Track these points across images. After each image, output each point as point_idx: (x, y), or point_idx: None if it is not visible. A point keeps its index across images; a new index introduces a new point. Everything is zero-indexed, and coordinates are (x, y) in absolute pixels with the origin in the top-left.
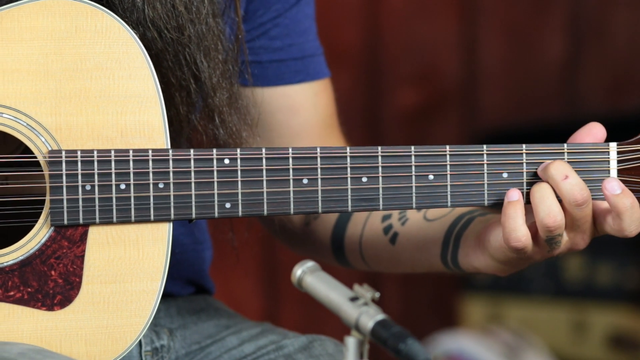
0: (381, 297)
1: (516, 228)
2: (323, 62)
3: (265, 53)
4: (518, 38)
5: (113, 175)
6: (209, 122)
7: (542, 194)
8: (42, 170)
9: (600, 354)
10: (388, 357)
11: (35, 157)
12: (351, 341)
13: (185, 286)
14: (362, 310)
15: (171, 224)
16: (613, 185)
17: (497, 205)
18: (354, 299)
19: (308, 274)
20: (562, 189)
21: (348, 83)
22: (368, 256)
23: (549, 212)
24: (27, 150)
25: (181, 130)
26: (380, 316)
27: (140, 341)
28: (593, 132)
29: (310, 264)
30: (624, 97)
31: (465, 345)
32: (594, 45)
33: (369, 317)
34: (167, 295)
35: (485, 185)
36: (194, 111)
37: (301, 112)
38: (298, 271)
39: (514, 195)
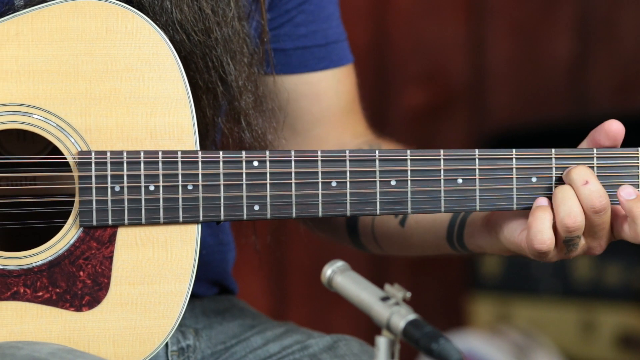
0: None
1: (543, 230)
2: (346, 48)
3: (290, 40)
4: (526, 38)
5: (142, 177)
6: (234, 125)
7: (564, 195)
8: (70, 171)
9: (609, 353)
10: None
11: (65, 158)
12: (382, 341)
13: (210, 287)
14: (393, 310)
15: (200, 226)
16: (628, 191)
17: (526, 210)
18: (385, 299)
19: (338, 274)
20: (581, 194)
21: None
22: (380, 239)
23: (570, 212)
24: (55, 150)
25: (207, 133)
26: (412, 316)
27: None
28: (610, 130)
29: (339, 263)
30: (632, 97)
31: (474, 345)
32: (602, 45)
33: (401, 316)
34: (192, 296)
35: (514, 190)
36: (219, 114)
37: (323, 98)
38: (328, 271)
39: (544, 201)
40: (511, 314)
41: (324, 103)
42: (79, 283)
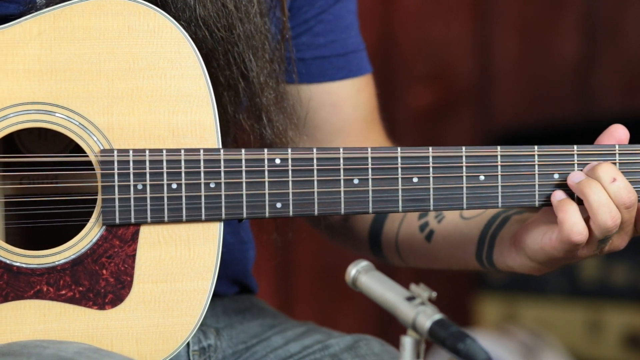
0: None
1: (577, 222)
2: (365, 58)
3: (309, 50)
4: (532, 37)
5: (165, 175)
6: (255, 122)
7: (600, 198)
8: (92, 170)
9: (616, 353)
10: None
11: (88, 156)
12: (408, 341)
13: (231, 286)
14: (419, 309)
15: (222, 224)
16: None
17: (545, 216)
18: (410, 299)
19: (362, 274)
20: (610, 191)
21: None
22: (404, 253)
23: (612, 214)
24: (76, 149)
25: (228, 130)
26: (438, 316)
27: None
28: (616, 134)
29: (364, 263)
30: (638, 97)
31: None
32: (608, 44)
33: (426, 316)
34: (212, 295)
35: (536, 186)
36: (240, 111)
37: (343, 108)
38: (352, 271)
39: (561, 194)
40: (518, 314)
41: (344, 113)
42: (102, 281)
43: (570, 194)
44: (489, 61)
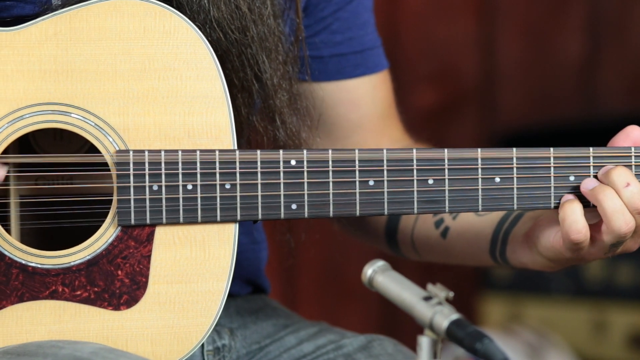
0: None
1: (576, 220)
2: (382, 54)
3: (326, 47)
4: (536, 38)
5: (180, 176)
6: (269, 123)
7: (614, 204)
8: (108, 170)
9: (621, 353)
10: None
11: (103, 157)
12: (425, 341)
13: (244, 286)
14: (436, 309)
15: (237, 225)
16: None
17: (553, 211)
18: (427, 298)
19: (379, 274)
20: (624, 196)
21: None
22: (420, 248)
23: (626, 220)
24: (91, 149)
25: (242, 132)
26: (455, 315)
27: None
28: (632, 136)
29: (380, 263)
30: None
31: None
32: (612, 45)
33: (444, 316)
34: None
35: (552, 189)
36: (253, 112)
37: (361, 105)
38: (369, 271)
39: (570, 196)
40: (523, 314)
41: (361, 110)
42: (117, 282)
43: (586, 201)
44: (493, 61)
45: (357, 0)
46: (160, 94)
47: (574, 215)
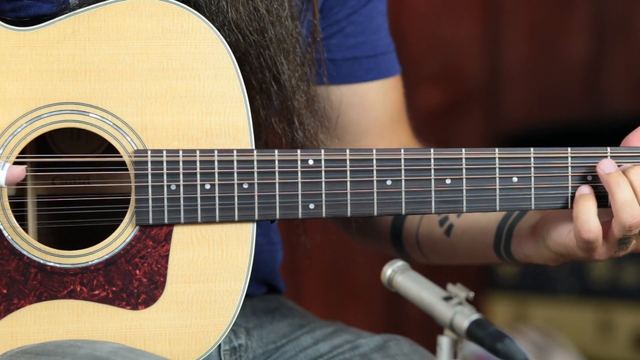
0: (403, 299)
1: (589, 219)
2: (394, 59)
3: (339, 51)
4: (542, 38)
5: (198, 175)
6: (287, 125)
7: (624, 198)
8: (125, 170)
9: (626, 353)
10: None
11: (121, 157)
12: (445, 341)
13: (259, 286)
14: (456, 309)
15: (255, 225)
16: None
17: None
18: (447, 299)
19: (398, 274)
20: (637, 190)
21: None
22: (425, 248)
23: (632, 212)
24: (108, 149)
25: (260, 134)
26: (476, 316)
27: None
28: None
29: (400, 263)
30: None
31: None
32: (618, 45)
33: (464, 316)
34: None
35: (569, 188)
36: (271, 114)
37: (371, 109)
38: (388, 271)
39: (585, 189)
40: (528, 314)
41: (372, 114)
42: (135, 281)
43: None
44: (499, 61)
45: (371, 4)
46: (179, 93)
47: (586, 213)
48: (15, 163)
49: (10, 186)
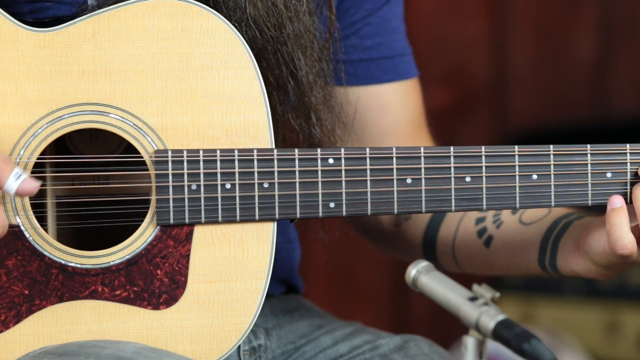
0: (410, 298)
1: (622, 235)
2: (412, 62)
3: (356, 52)
4: (548, 38)
5: (219, 175)
6: (304, 121)
7: None
8: (144, 170)
9: (633, 354)
10: None
11: (142, 157)
12: (470, 341)
13: (278, 285)
14: (482, 310)
15: (275, 224)
16: None
17: (601, 207)
18: (473, 299)
19: (423, 274)
20: None
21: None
22: (461, 258)
23: None
24: (127, 150)
25: (277, 129)
26: (502, 316)
27: None
28: None
29: (424, 263)
30: None
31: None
32: (625, 45)
33: (490, 317)
34: None
35: (589, 185)
36: (289, 110)
37: (391, 111)
38: (412, 271)
39: (617, 202)
40: (535, 314)
41: (391, 116)
42: (156, 281)
43: None
44: (505, 62)
45: (387, 7)
46: (198, 93)
47: (619, 230)
48: (36, 164)
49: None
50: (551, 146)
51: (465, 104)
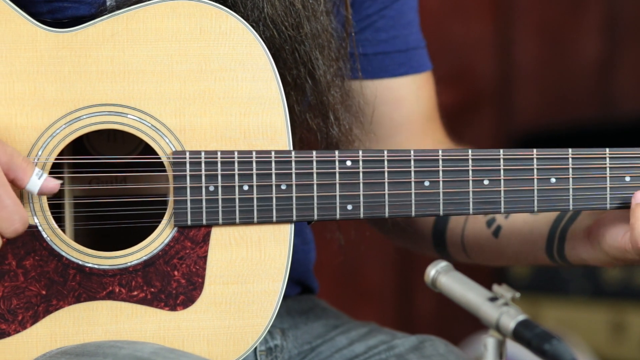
0: (415, 298)
1: None
2: (425, 55)
3: (370, 45)
4: (553, 38)
5: (236, 177)
6: (322, 121)
7: None
8: (162, 171)
9: (639, 354)
10: None
11: (160, 158)
12: (490, 341)
13: (294, 286)
14: (502, 310)
15: (293, 225)
16: None
17: (627, 214)
18: (493, 299)
19: (442, 274)
20: None
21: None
22: (470, 249)
23: None
24: (144, 151)
25: (294, 130)
26: (522, 316)
27: None
28: None
29: (443, 264)
30: None
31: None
32: (630, 45)
33: (510, 317)
34: None
35: (608, 189)
36: (306, 110)
37: (404, 104)
38: (432, 271)
39: None
40: (541, 314)
41: (405, 109)
42: (173, 282)
43: None
44: (510, 62)
45: (402, 0)
46: (217, 95)
47: None
48: (54, 164)
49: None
50: (570, 150)
51: (469, 104)
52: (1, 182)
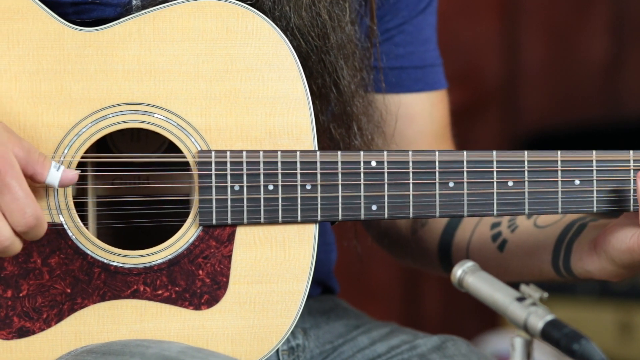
0: (421, 299)
1: None
2: (442, 73)
3: (388, 59)
4: (560, 39)
5: (261, 176)
6: (345, 131)
7: None
8: (186, 171)
9: None
10: None
11: (185, 157)
12: (518, 341)
13: (315, 287)
14: (530, 310)
15: (317, 225)
16: None
17: (633, 218)
18: (520, 299)
19: (469, 274)
20: None
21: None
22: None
23: None
24: (168, 150)
25: (319, 139)
26: (550, 316)
27: None
28: None
29: (470, 264)
30: None
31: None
32: (636, 46)
33: (538, 317)
34: None
35: (631, 192)
36: (330, 119)
37: (417, 121)
38: (458, 271)
39: None
40: None
41: (417, 126)
42: (198, 282)
43: None
44: (517, 62)
45: (422, 16)
46: (242, 94)
47: None
48: (79, 163)
49: (63, 187)
50: (594, 152)
51: (476, 105)
52: (16, 174)
